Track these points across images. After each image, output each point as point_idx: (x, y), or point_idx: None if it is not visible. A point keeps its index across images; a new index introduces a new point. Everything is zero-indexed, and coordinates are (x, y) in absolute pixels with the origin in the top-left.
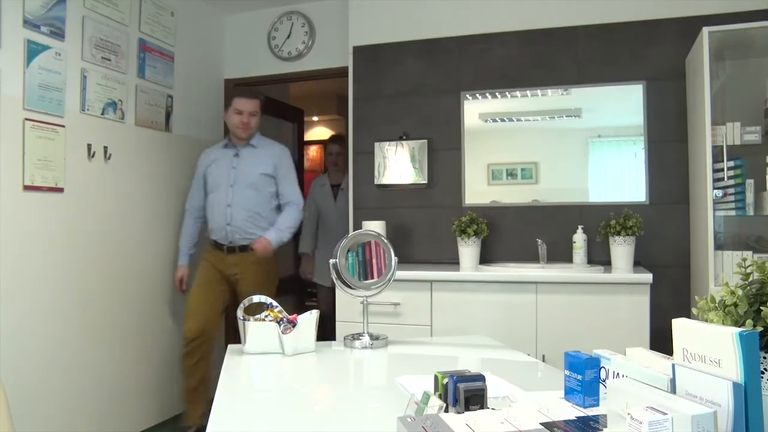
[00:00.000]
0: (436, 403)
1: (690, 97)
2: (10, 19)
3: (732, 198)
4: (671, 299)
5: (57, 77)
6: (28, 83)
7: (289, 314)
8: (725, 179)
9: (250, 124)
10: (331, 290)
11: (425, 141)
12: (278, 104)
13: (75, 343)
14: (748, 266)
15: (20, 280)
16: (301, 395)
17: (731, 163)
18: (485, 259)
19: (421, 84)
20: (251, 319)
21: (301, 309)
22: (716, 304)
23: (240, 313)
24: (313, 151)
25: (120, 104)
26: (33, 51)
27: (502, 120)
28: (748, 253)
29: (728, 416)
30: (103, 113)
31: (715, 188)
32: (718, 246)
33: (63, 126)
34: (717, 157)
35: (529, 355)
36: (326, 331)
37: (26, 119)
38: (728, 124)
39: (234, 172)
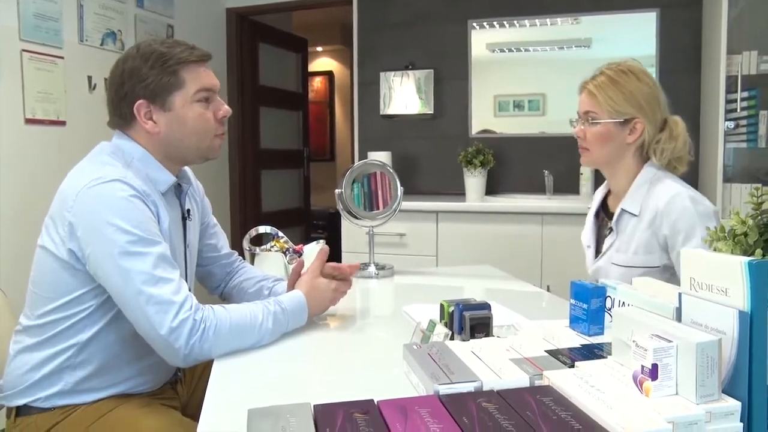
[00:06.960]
0: (441, 330)
1: (706, 26)
2: None
3: (744, 130)
4: None
5: (53, 6)
6: (23, 12)
7: (295, 245)
8: (738, 110)
9: None
10: None
11: (431, 71)
12: (281, 34)
13: None
14: (761, 195)
15: (23, 214)
16: (307, 324)
17: (745, 94)
18: (491, 190)
19: (428, 12)
20: (257, 249)
21: (307, 240)
22: (726, 234)
23: (246, 243)
24: (317, 82)
25: (119, 35)
26: None
27: (510, 50)
28: (758, 186)
29: (732, 344)
30: (102, 44)
31: (727, 119)
32: (727, 179)
33: (62, 57)
34: (731, 88)
35: (541, 286)
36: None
37: (23, 50)
38: (744, 53)
39: None
